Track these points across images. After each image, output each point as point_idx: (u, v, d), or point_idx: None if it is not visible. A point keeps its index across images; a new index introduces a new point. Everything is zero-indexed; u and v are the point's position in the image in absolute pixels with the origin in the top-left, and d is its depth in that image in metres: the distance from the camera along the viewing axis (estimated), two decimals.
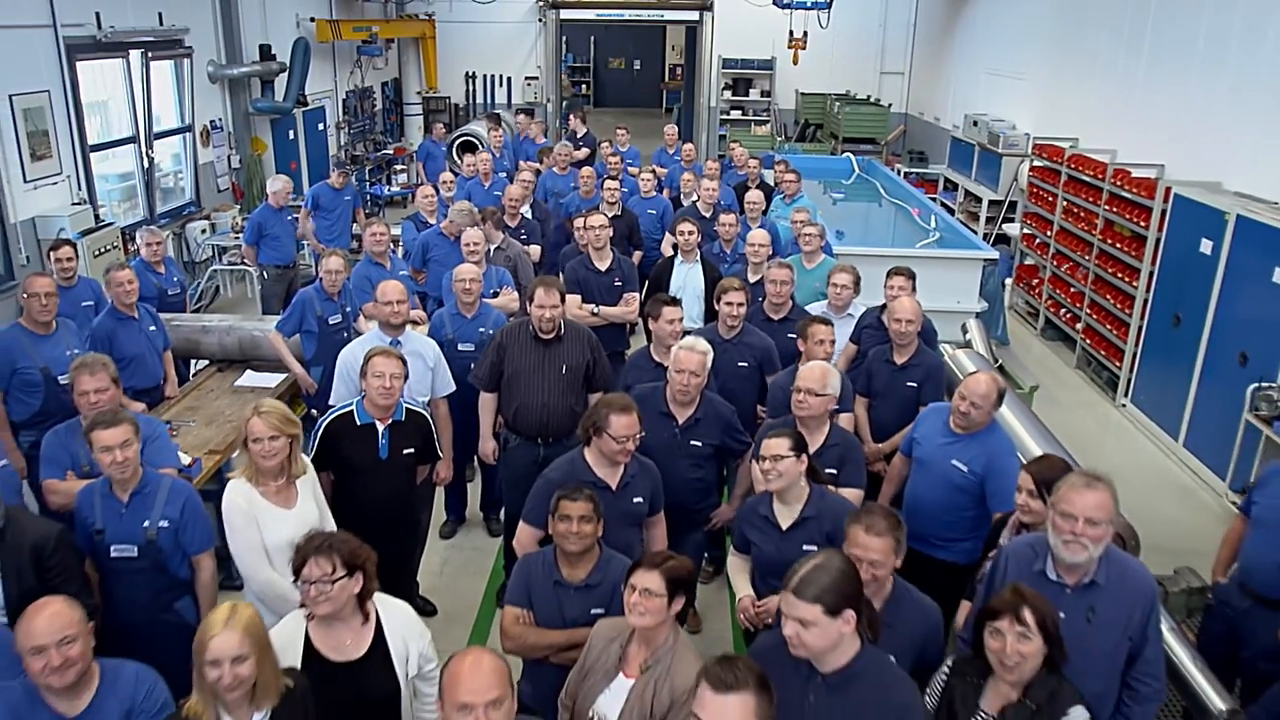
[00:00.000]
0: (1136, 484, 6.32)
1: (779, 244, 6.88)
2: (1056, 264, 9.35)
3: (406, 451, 4.16)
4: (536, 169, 9.63)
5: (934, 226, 8.55)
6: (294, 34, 12.48)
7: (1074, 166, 8.93)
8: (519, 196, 7.62)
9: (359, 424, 4.07)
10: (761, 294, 5.38)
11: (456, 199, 7.77)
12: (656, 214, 8.09)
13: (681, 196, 8.73)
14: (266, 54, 11.60)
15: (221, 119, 11.03)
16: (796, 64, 13.67)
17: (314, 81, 13.00)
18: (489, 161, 9.29)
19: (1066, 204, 9.14)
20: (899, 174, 12.83)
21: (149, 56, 9.24)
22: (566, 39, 21.09)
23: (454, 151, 12.84)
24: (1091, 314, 8.56)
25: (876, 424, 4.86)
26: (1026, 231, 10.26)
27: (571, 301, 5.78)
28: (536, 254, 7.40)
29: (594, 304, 6.05)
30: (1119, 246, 8.12)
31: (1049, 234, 9.51)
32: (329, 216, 8.72)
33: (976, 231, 10.48)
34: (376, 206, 13.81)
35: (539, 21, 16.80)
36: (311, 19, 13.08)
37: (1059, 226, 9.27)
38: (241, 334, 6.19)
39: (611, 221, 6.59)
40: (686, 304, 5.50)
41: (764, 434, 3.64)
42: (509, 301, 6.04)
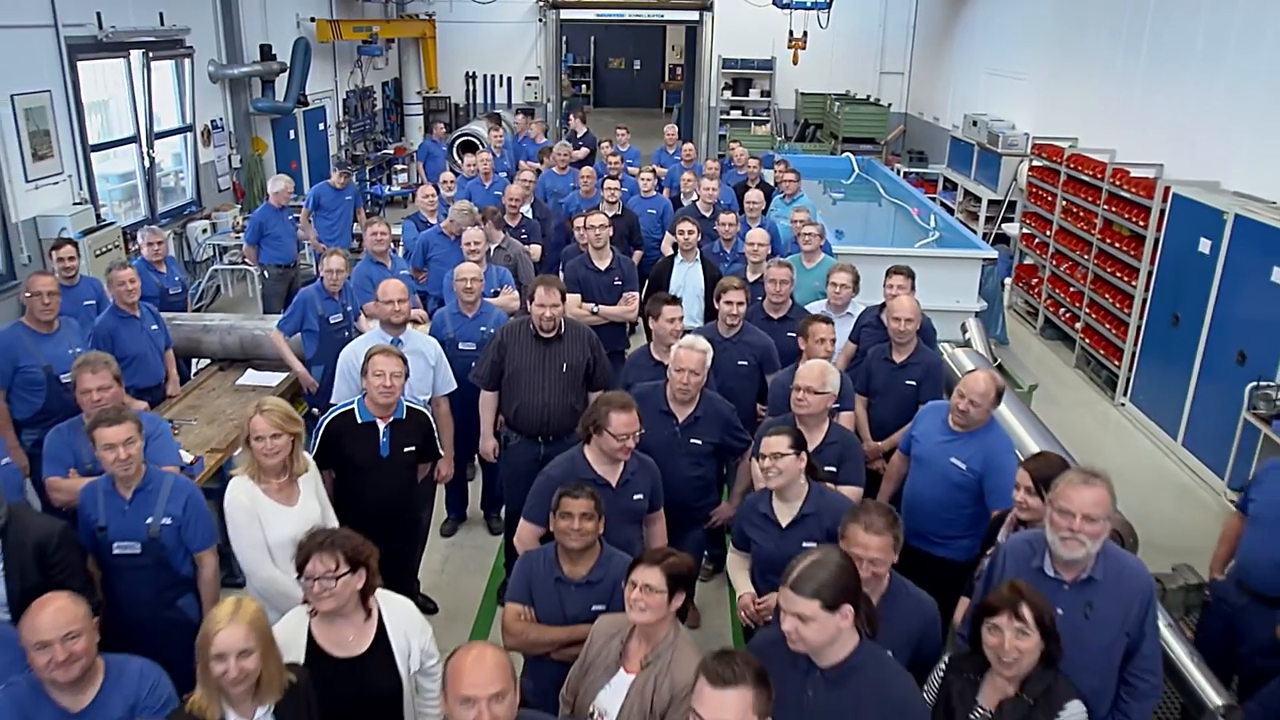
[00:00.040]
0: (1135, 483, 6.33)
1: (779, 243, 6.90)
2: (1056, 263, 9.36)
3: (407, 450, 4.19)
4: (537, 169, 9.64)
5: (933, 226, 8.57)
6: (294, 34, 12.50)
7: (1073, 166, 8.94)
8: (519, 196, 7.64)
9: (360, 422, 4.09)
10: (761, 293, 5.40)
11: (457, 199, 7.78)
12: (656, 213, 8.11)
13: (681, 196, 8.74)
14: (267, 54, 11.62)
15: (222, 119, 11.05)
16: (796, 64, 13.67)
17: (314, 81, 13.01)
18: (489, 161, 9.31)
19: (1066, 204, 9.15)
20: (898, 174, 12.84)
21: (150, 56, 9.26)
22: (566, 39, 21.10)
23: (454, 151, 12.86)
24: (1090, 313, 8.57)
25: (875, 422, 4.88)
26: (1026, 231, 10.28)
27: (571, 301, 5.79)
28: (537, 253, 7.41)
29: (594, 303, 6.06)
30: (1118, 246, 8.13)
31: (1048, 233, 9.52)
32: (330, 216, 8.74)
33: (976, 231, 10.51)
34: (377, 206, 13.84)
35: (539, 21, 16.81)
36: (312, 19, 13.09)
37: (1058, 226, 9.28)
38: (243, 333, 6.21)
39: (612, 221, 6.61)
40: (686, 303, 5.52)
41: (763, 432, 3.65)
42: (510, 301, 6.06)
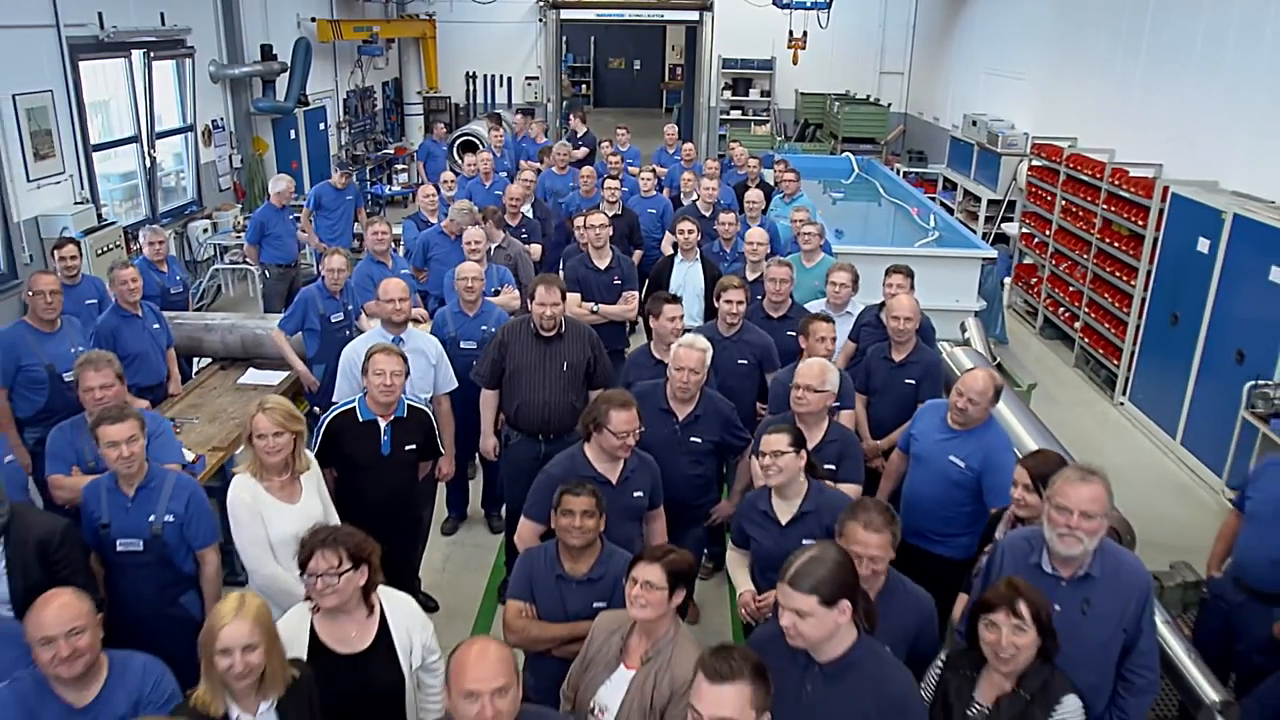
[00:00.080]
0: (1134, 482, 6.35)
1: (778, 243, 6.92)
2: (1055, 263, 9.38)
3: (408, 448, 4.21)
4: (537, 168, 9.66)
5: (933, 226, 8.58)
6: (295, 34, 12.52)
7: (1072, 166, 8.96)
8: (520, 196, 7.65)
9: (361, 420, 4.11)
10: (761, 292, 5.42)
11: (457, 198, 7.80)
12: (656, 213, 8.12)
13: (681, 196, 8.76)
14: (268, 54, 11.64)
15: (223, 119, 11.07)
16: (796, 64, 13.68)
17: (315, 81, 13.03)
18: (490, 161, 9.32)
19: (1065, 203, 9.17)
20: (898, 173, 12.86)
21: (151, 56, 9.28)
22: (566, 39, 21.11)
23: (455, 151, 12.88)
24: (1090, 313, 8.59)
25: (875, 421, 4.89)
26: (1025, 230, 10.29)
27: (571, 300, 5.80)
28: (537, 253, 7.43)
29: (594, 302, 6.08)
30: (1117, 245, 8.15)
31: (1047, 233, 9.54)
32: (331, 216, 8.76)
33: (975, 231, 10.53)
34: (377, 206, 13.86)
35: (539, 21, 16.83)
36: (312, 19, 13.11)
37: (1057, 225, 9.30)
38: (244, 332, 6.22)
39: (612, 220, 6.63)
40: (686, 302, 5.53)
41: (763, 430, 3.67)
42: (511, 300, 6.08)
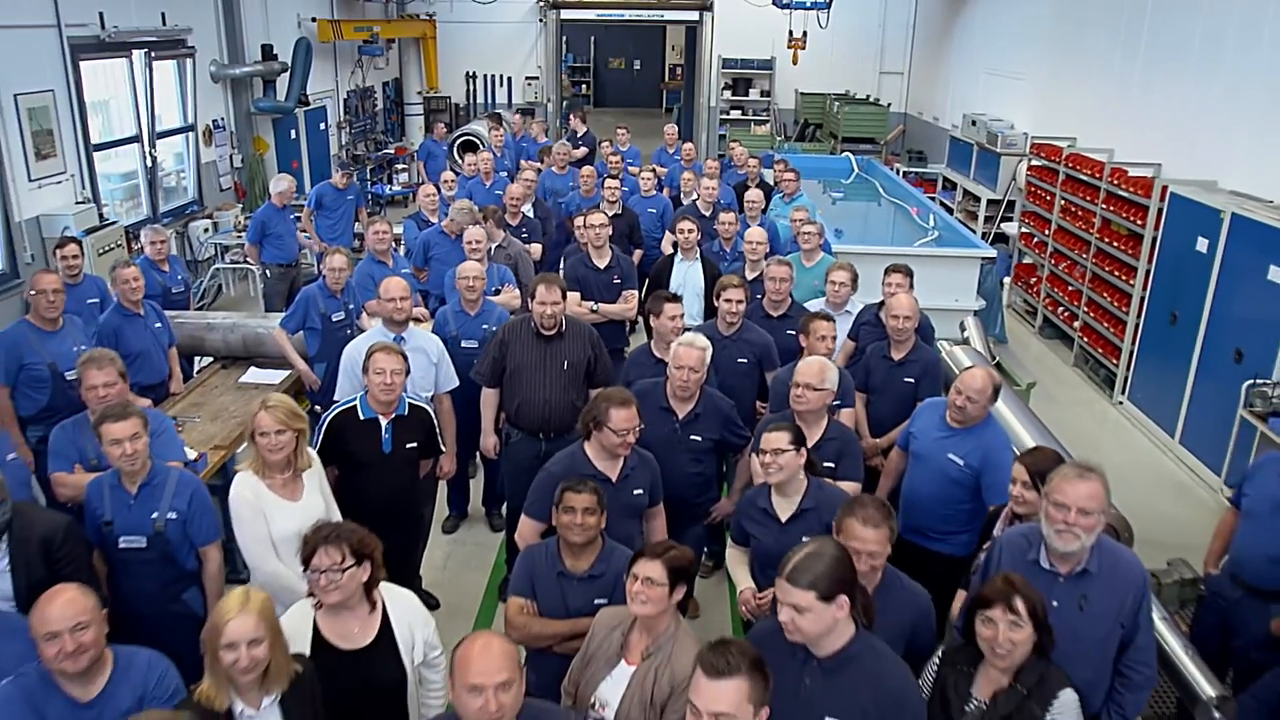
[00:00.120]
0: (1133, 481, 6.37)
1: (778, 242, 6.94)
2: (1054, 262, 9.39)
3: (409, 446, 4.23)
4: (538, 168, 9.68)
5: (932, 225, 8.60)
6: (295, 34, 12.54)
7: (1072, 166, 8.98)
8: (520, 195, 7.67)
9: (362, 419, 4.13)
10: (760, 291, 5.43)
11: (457, 198, 7.82)
12: (657, 213, 8.14)
13: (681, 195, 8.78)
14: (268, 54, 11.65)
15: (224, 118, 11.08)
16: (796, 64, 13.70)
17: (315, 81, 13.05)
18: (490, 161, 9.34)
19: (1064, 203, 9.19)
20: (898, 173, 12.88)
21: (152, 56, 9.29)
22: (566, 39, 21.13)
23: (455, 151, 12.90)
24: (1089, 312, 8.61)
25: (874, 419, 4.90)
26: (1024, 230, 10.31)
27: (571, 299, 5.82)
28: (537, 252, 7.44)
29: (593, 301, 6.10)
30: (1116, 245, 8.17)
31: (1047, 233, 9.56)
32: (332, 216, 8.79)
33: (975, 230, 10.56)
34: (378, 206, 13.88)
35: (539, 21, 16.85)
36: (313, 19, 13.12)
37: (1057, 225, 9.32)
38: (245, 331, 6.24)
39: (612, 220, 6.64)
40: (686, 301, 5.54)
41: (763, 428, 3.69)
42: (511, 299, 6.09)
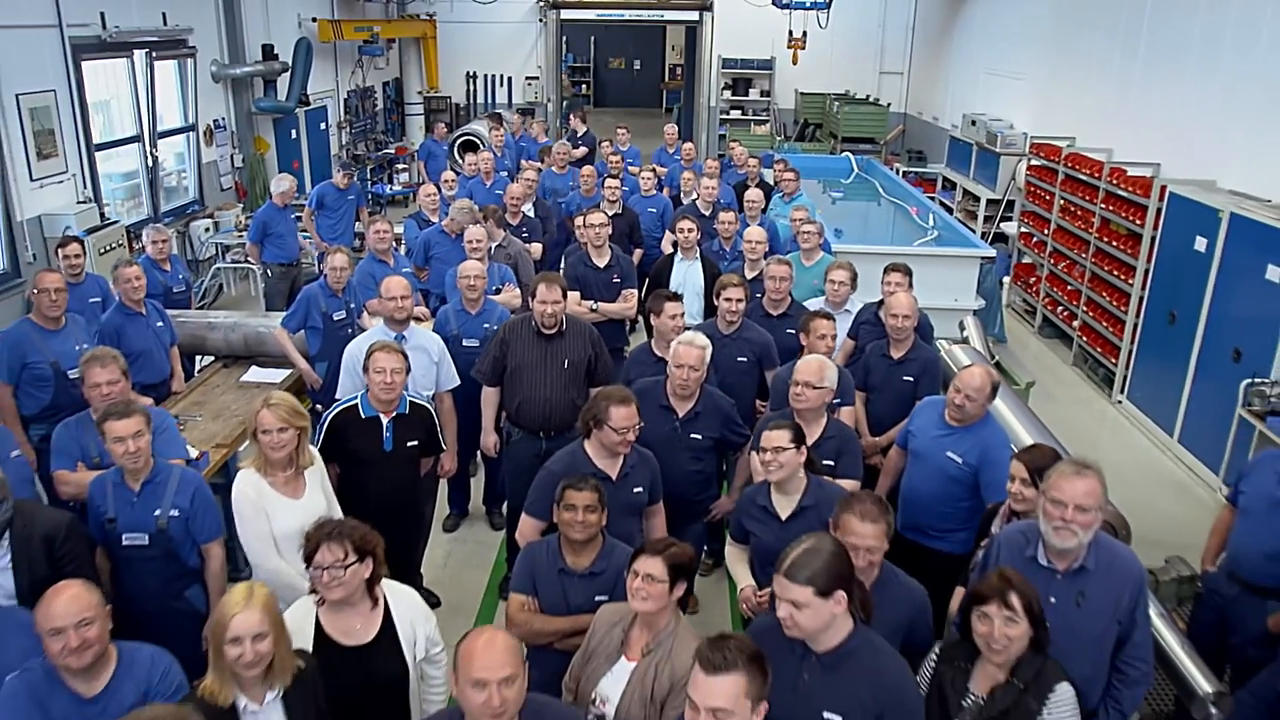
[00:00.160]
0: (1132, 479, 6.39)
1: (778, 241, 6.96)
2: (1054, 262, 9.41)
3: (410, 444, 4.24)
4: (539, 168, 9.70)
5: (932, 225, 8.62)
6: (296, 34, 12.56)
7: (1071, 165, 8.99)
8: (521, 195, 7.68)
9: (364, 417, 4.15)
10: (760, 290, 5.45)
11: (458, 198, 7.84)
12: (657, 212, 8.16)
13: (681, 195, 8.79)
14: (269, 54, 11.68)
15: (225, 118, 11.10)
16: (796, 64, 13.71)
17: (316, 81, 13.07)
18: (490, 160, 9.36)
19: (1063, 202, 9.20)
20: (898, 173, 12.90)
21: (153, 56, 9.32)
22: (567, 39, 21.14)
23: (455, 151, 12.92)
24: (1088, 311, 8.62)
25: (873, 418, 4.92)
26: (1024, 230, 10.32)
27: (571, 298, 5.84)
28: (538, 252, 7.46)
29: (593, 300, 6.11)
30: (1115, 244, 8.18)
31: (1046, 232, 9.57)
32: (333, 215, 8.81)
33: (974, 230, 10.58)
34: (379, 205, 13.89)
35: (539, 21, 16.86)
36: (313, 19, 13.14)
37: (1056, 225, 9.34)
38: (247, 330, 6.25)
39: (612, 220, 6.66)
40: (686, 300, 5.54)
41: (763, 426, 3.70)
42: (512, 298, 6.11)
